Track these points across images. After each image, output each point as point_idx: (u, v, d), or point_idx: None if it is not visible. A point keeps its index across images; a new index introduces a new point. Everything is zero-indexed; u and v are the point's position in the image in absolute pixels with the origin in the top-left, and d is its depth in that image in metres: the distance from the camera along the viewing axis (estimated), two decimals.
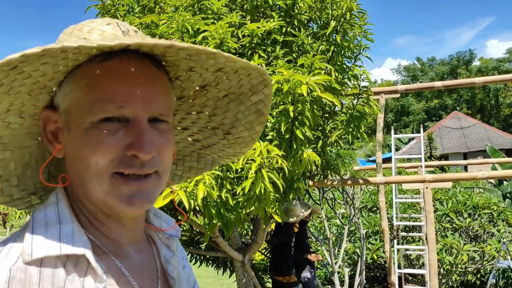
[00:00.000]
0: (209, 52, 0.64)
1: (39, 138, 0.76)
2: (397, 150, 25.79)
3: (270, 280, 5.57)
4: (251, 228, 5.10)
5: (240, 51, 3.37)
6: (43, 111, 0.71)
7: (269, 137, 2.90)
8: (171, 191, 2.48)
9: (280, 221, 3.12)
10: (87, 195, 0.68)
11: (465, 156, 23.61)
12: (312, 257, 5.53)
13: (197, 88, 0.80)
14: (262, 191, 2.52)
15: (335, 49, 3.40)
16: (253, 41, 3.21)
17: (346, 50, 4.16)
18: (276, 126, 2.81)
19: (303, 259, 5.46)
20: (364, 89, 4.14)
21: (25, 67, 0.59)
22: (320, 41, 3.50)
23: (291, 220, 4.97)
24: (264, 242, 5.64)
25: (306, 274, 5.43)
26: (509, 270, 7.36)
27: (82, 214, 0.70)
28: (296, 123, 2.69)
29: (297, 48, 3.74)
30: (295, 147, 2.73)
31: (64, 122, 0.69)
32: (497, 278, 8.09)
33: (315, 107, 3.14)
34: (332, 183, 4.62)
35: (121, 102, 0.64)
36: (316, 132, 3.84)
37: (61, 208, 0.68)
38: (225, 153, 0.91)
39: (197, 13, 2.99)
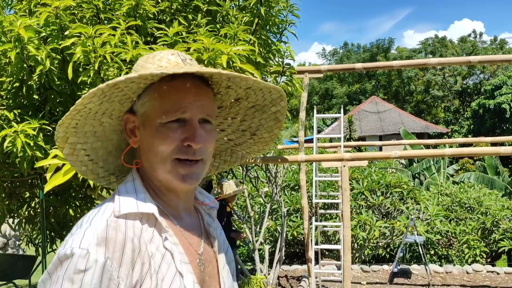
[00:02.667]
0: (243, 77, 0.94)
1: (119, 134, 1.04)
2: (320, 131, 26.65)
3: None
4: None
5: (159, 17, 3.14)
6: (125, 114, 0.99)
7: None
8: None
9: None
10: (154, 174, 0.95)
11: (381, 138, 25.05)
12: (237, 235, 5.55)
13: (232, 100, 1.08)
14: None
15: (259, 21, 3.29)
16: (172, 7, 3.00)
17: (271, 24, 4.06)
18: None
19: (230, 238, 5.42)
20: (287, 67, 4.09)
21: (121, 84, 0.89)
22: (244, 12, 3.37)
23: (226, 195, 4.90)
24: None
25: None
26: (415, 244, 7.92)
27: (150, 188, 0.97)
28: None
29: (221, 18, 3.58)
30: None
31: (141, 122, 0.96)
32: (404, 252, 8.69)
33: None
34: (255, 161, 4.57)
35: (184, 108, 0.92)
36: None
37: (137, 183, 0.96)
38: (252, 150, 1.19)
39: None
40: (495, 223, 8.90)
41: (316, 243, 6.45)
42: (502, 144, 8.99)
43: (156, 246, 0.90)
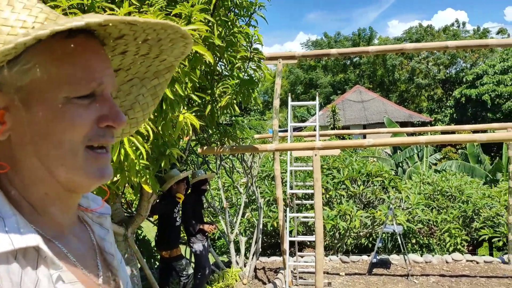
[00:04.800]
0: (149, 22, 0.67)
1: None
2: (304, 121, 26.51)
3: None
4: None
5: None
6: None
7: None
8: None
9: (150, 191, 2.80)
10: (50, 175, 0.66)
11: (365, 127, 25.03)
12: (206, 227, 5.32)
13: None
14: (122, 158, 2.16)
15: (218, 2, 3.07)
16: None
17: (239, 7, 3.85)
18: None
19: (200, 229, 5.24)
20: (255, 51, 3.89)
21: None
22: None
23: (164, 186, 4.71)
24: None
25: (197, 247, 5.20)
26: (396, 234, 7.83)
27: (24, 200, 0.67)
28: None
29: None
30: (164, 107, 2.39)
31: (19, 99, 0.64)
32: (386, 241, 8.62)
33: (194, 65, 2.81)
34: (223, 150, 4.38)
35: (101, 79, 0.67)
36: (203, 94, 3.54)
37: None
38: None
39: None
40: (476, 211, 8.87)
41: (295, 234, 6.31)
42: (484, 132, 8.92)
43: None
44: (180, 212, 5.11)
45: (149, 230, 8.68)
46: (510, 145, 6.64)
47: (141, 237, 6.45)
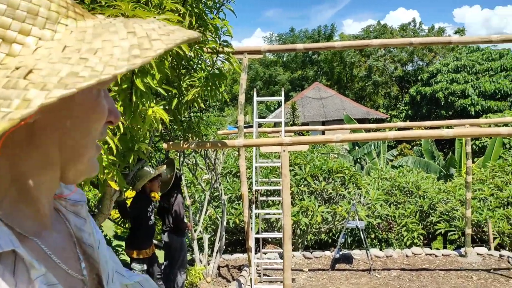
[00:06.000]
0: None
1: None
2: (264, 118, 26.53)
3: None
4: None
5: None
6: None
7: None
8: None
9: (117, 189, 2.63)
10: (65, 164, 0.64)
11: (323, 124, 25.38)
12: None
13: None
14: None
15: None
16: None
17: None
18: None
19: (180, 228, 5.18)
20: (225, 43, 3.78)
21: None
22: None
23: (138, 185, 4.51)
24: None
25: (180, 241, 5.17)
26: (357, 229, 7.95)
27: (13, 189, 0.60)
28: (136, 70, 2.20)
29: None
30: (135, 99, 2.24)
31: None
32: (347, 237, 8.74)
33: (164, 56, 2.67)
34: (189, 146, 4.24)
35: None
36: (170, 87, 3.39)
37: None
38: None
39: None
40: (432, 206, 9.15)
41: (258, 232, 6.25)
42: (440, 129, 9.22)
43: None
44: (154, 211, 4.93)
45: (108, 228, 8.36)
46: (468, 141, 6.87)
47: (107, 237, 6.19)
